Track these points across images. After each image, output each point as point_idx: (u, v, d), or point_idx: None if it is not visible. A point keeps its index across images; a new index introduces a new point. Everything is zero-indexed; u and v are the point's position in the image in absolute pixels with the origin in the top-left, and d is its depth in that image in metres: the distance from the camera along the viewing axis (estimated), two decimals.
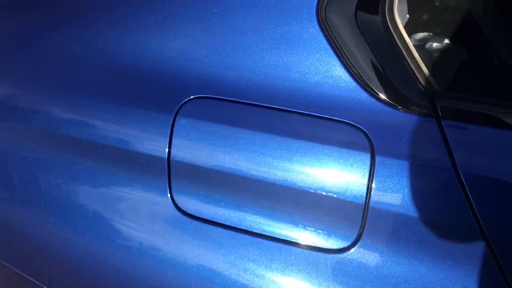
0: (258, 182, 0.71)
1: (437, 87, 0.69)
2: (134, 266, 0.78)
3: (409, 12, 0.69)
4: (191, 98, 0.75)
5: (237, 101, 0.73)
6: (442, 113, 0.65)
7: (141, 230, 0.78)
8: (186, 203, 0.76)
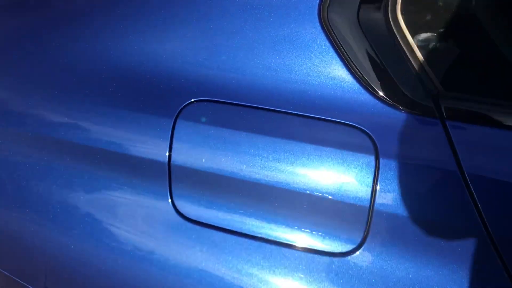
0: (261, 186, 0.70)
1: (441, 88, 0.68)
2: (135, 272, 0.77)
3: (412, 12, 0.69)
4: (192, 101, 0.74)
5: (238, 103, 0.72)
6: (447, 114, 0.65)
7: (141, 236, 0.77)
8: (187, 208, 0.74)
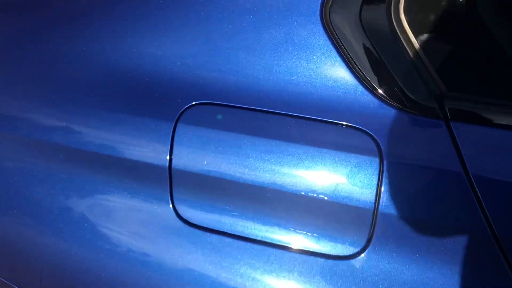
0: (264, 190, 0.69)
1: (444, 89, 0.68)
2: (136, 278, 0.76)
3: (415, 12, 0.68)
4: (193, 104, 0.73)
5: (239, 106, 0.71)
6: (451, 115, 0.65)
7: (142, 241, 0.76)
8: (188, 213, 0.73)
